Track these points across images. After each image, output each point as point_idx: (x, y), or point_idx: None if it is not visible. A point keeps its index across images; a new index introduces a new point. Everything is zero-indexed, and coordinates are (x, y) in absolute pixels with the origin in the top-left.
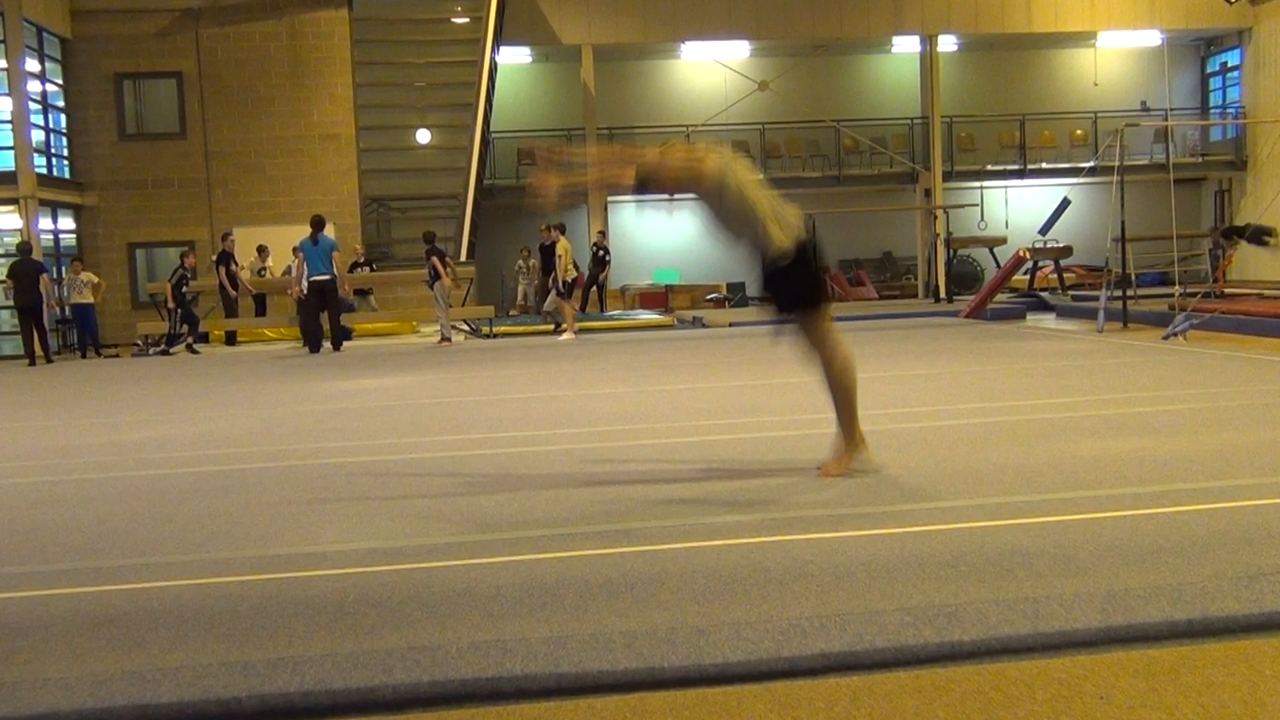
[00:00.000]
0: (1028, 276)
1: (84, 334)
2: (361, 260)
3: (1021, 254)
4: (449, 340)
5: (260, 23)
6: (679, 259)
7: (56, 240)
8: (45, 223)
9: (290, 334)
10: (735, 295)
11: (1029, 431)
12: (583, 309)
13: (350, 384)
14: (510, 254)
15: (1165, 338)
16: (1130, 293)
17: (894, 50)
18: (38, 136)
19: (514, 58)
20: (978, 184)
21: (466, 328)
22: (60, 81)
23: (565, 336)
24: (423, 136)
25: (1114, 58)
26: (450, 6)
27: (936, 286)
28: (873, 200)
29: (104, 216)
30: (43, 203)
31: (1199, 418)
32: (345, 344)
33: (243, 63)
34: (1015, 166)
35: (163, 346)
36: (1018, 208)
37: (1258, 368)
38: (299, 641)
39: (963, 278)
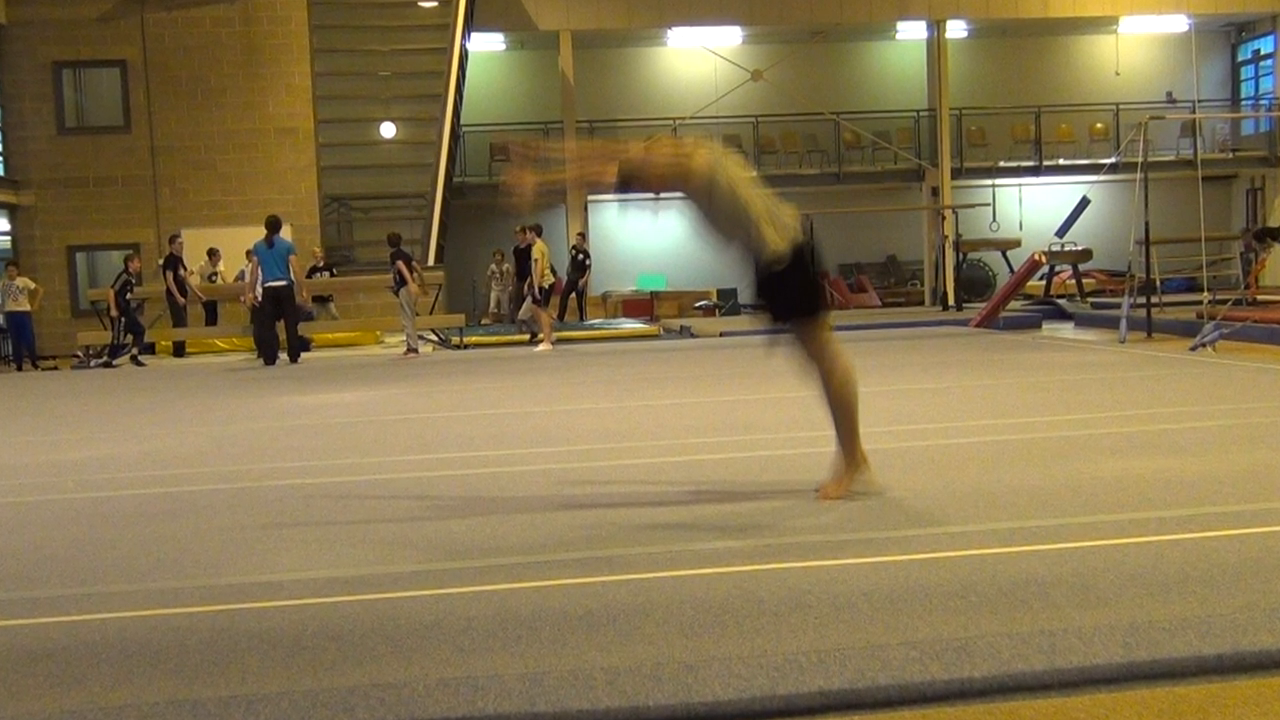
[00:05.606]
0: (1043, 282)
1: (19, 344)
2: (321, 264)
3: (1037, 258)
4: (415, 351)
5: (211, 7)
6: (665, 263)
7: None
8: None
9: (243, 344)
10: (726, 303)
11: (1045, 451)
12: (561, 317)
13: (309, 399)
14: (482, 258)
15: (1193, 348)
16: (1155, 300)
17: (898, 37)
18: None
19: (486, 45)
20: (989, 182)
21: (435, 338)
22: None
23: (542, 347)
24: (387, 130)
25: (1137, 45)
26: None
27: (945, 293)
28: (875, 200)
29: (41, 217)
30: None
31: (1229, 436)
32: (303, 355)
33: (192, 50)
34: (1030, 163)
35: (105, 358)
36: (1033, 208)
37: None
38: (253, 678)
39: (973, 284)
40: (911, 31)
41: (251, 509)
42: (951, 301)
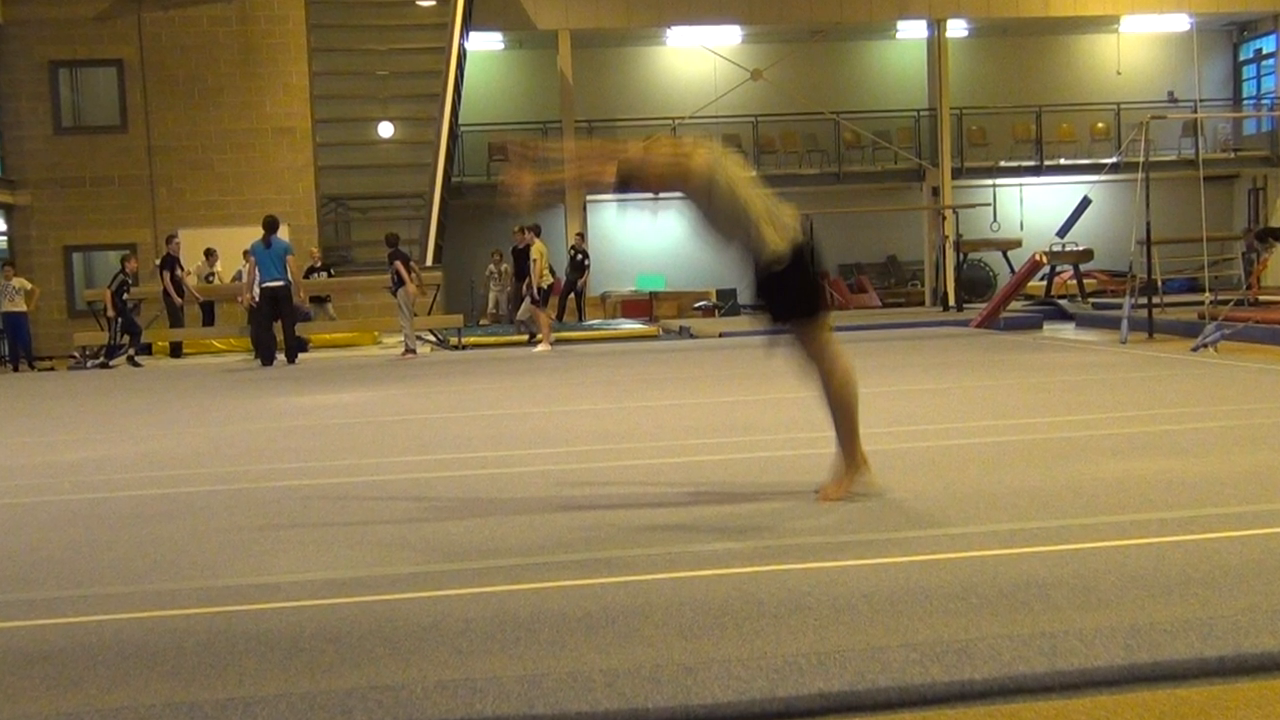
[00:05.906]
0: (1044, 283)
1: (16, 345)
2: (318, 265)
3: (1038, 258)
4: (413, 352)
5: (208, 6)
6: (664, 263)
7: None
8: None
9: (241, 345)
10: (725, 303)
11: (1046, 452)
12: (559, 318)
13: (306, 400)
14: (480, 258)
15: (1194, 349)
16: (1156, 300)
17: (899, 36)
18: None
19: (485, 44)
20: (990, 182)
21: (433, 338)
22: None
23: (540, 348)
24: (385, 130)
25: (1139, 44)
26: None
27: (945, 293)
28: (875, 199)
29: (38, 217)
30: None
31: (1231, 436)
32: (300, 356)
33: (189, 49)
34: (1031, 163)
35: (102, 359)
36: (1034, 208)
37: None
38: (250, 680)
39: (974, 284)
40: (912, 31)
41: (249, 510)
42: (952, 302)
